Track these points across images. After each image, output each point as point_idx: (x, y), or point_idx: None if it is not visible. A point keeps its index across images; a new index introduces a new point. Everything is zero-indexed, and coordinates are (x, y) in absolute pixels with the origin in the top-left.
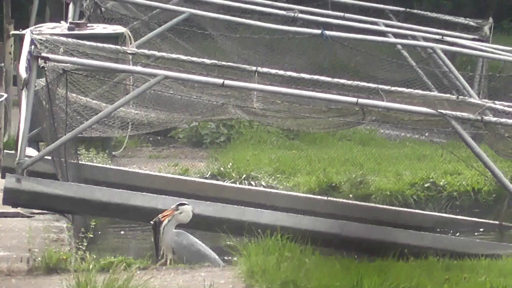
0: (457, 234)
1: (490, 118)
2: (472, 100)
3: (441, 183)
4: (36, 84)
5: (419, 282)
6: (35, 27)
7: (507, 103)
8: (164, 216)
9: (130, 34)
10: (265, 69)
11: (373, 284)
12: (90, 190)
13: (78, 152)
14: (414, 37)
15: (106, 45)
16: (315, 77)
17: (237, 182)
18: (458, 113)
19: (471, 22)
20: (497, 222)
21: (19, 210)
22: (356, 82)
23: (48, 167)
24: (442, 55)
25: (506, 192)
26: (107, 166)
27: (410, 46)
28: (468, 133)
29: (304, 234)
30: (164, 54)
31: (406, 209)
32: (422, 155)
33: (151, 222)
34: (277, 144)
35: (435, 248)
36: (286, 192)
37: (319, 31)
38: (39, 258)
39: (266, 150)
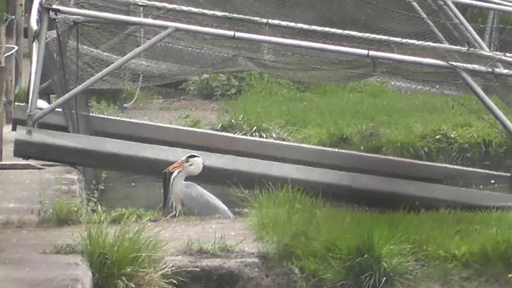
0: (468, 186)
1: (501, 70)
2: (483, 52)
3: (452, 135)
4: (47, 36)
5: (430, 234)
6: None
7: None
8: (174, 168)
9: None
10: (275, 21)
11: (383, 236)
12: (100, 142)
13: (89, 104)
14: None
15: None
16: (326, 29)
17: (248, 134)
18: (469, 65)
19: None
20: (508, 174)
21: (30, 162)
22: (366, 34)
23: (59, 119)
24: (453, 7)
25: None
26: (118, 118)
27: None
28: (479, 85)
29: (314, 187)
30: (175, 6)
31: (417, 161)
32: (433, 107)
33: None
34: (287, 96)
35: (446, 200)
36: (297, 144)
37: None
38: (50, 210)
39: (277, 102)
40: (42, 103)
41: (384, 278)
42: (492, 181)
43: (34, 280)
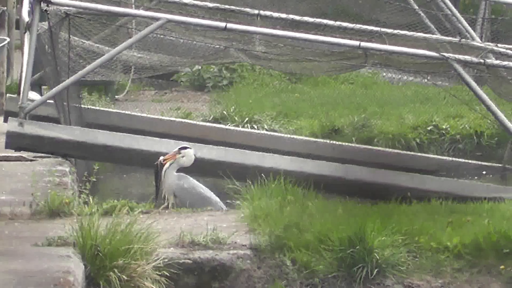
0: (460, 177)
1: (492, 61)
2: (474, 43)
3: (444, 126)
4: (39, 28)
5: (422, 225)
6: None
7: (509, 46)
8: (165, 159)
9: None
10: (267, 12)
11: (375, 228)
12: (92, 134)
13: (80, 95)
14: None
15: None
16: (318, 20)
17: (240, 126)
18: (461, 56)
19: None
20: (500, 165)
21: (21, 154)
22: (358, 25)
23: (50, 111)
24: None
25: (508, 135)
26: (110, 109)
27: None
28: (471, 76)
29: (307, 178)
30: None
31: (408, 152)
32: (425, 98)
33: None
34: (279, 88)
35: (438, 192)
36: (289, 136)
37: None
38: (42, 202)
39: (269, 94)
40: (34, 95)
41: (376, 270)
42: (484, 172)
43: (26, 272)
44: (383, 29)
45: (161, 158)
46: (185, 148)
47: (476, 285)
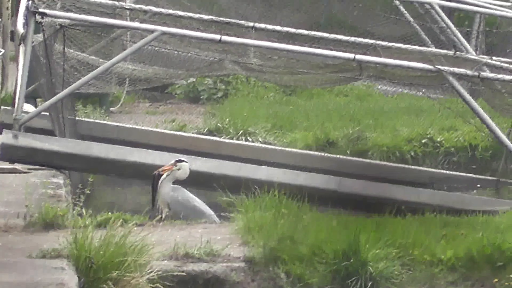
0: (454, 190)
1: (487, 73)
2: (469, 56)
3: (438, 139)
4: (34, 40)
5: (416, 238)
6: None
7: (504, 59)
8: (163, 170)
9: None
10: (262, 25)
11: (370, 240)
12: (86, 146)
13: (75, 108)
14: None
15: (103, 0)
16: (312, 32)
17: (234, 138)
18: (456, 69)
19: None
20: (494, 178)
21: (16, 166)
22: (353, 38)
23: (45, 123)
24: (439, 10)
25: (503, 148)
26: (104, 122)
27: (407, 1)
28: (465, 89)
29: (301, 190)
30: (161, 9)
31: (403, 165)
32: (419, 111)
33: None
34: (274, 100)
35: (432, 204)
36: (283, 148)
37: None
38: (36, 214)
39: (264, 106)
40: (28, 107)
41: (370, 283)
42: (478, 185)
43: (20, 284)
44: (378, 42)
45: (160, 169)
46: (181, 161)
47: None
